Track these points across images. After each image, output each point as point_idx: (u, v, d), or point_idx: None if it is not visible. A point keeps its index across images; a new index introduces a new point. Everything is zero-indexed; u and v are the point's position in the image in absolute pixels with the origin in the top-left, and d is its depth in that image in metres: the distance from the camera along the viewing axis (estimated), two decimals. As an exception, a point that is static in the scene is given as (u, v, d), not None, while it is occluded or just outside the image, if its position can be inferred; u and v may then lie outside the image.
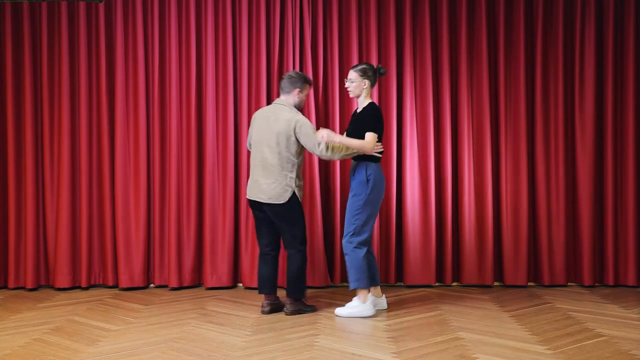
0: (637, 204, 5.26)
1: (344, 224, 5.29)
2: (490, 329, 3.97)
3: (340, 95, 5.35)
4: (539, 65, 5.29)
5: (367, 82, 4.32)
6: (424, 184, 5.28)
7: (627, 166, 5.27)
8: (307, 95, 4.53)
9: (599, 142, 5.34)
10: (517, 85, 5.29)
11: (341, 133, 5.32)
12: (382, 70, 4.38)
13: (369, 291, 4.35)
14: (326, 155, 4.24)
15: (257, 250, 5.18)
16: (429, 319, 4.25)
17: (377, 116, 4.27)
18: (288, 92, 4.42)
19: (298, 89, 4.41)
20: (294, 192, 4.29)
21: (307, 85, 4.47)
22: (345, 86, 4.43)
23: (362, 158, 4.29)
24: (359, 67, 4.35)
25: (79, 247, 5.31)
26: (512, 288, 5.24)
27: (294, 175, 4.30)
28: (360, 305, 4.29)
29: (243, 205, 5.27)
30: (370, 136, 4.20)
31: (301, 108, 4.51)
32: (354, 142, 4.21)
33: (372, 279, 4.37)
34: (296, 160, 4.32)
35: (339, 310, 4.34)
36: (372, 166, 4.28)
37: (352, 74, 4.35)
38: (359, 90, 4.35)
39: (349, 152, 4.27)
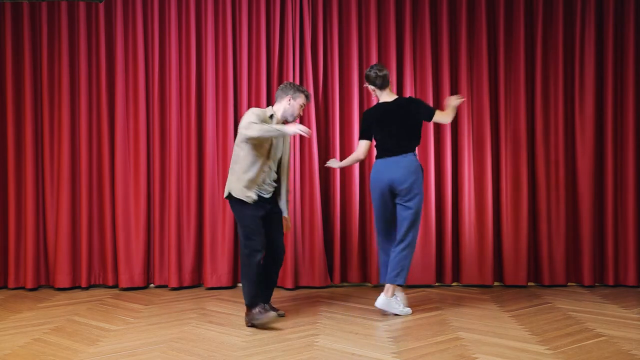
0: (637, 204, 5.26)
1: (342, 224, 5.33)
2: (490, 329, 3.97)
3: (340, 95, 5.35)
4: (539, 65, 5.29)
5: (371, 87, 4.44)
6: (423, 183, 5.27)
7: (627, 166, 5.27)
8: (302, 108, 4.24)
9: (599, 142, 5.34)
10: (517, 85, 5.29)
11: (341, 135, 5.33)
12: (380, 74, 4.37)
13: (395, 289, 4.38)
14: (248, 132, 3.95)
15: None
16: (429, 319, 4.24)
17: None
18: (280, 101, 4.24)
19: (289, 96, 4.21)
20: (230, 192, 4.10)
21: (301, 94, 4.22)
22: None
23: None
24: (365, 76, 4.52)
25: (79, 247, 5.31)
26: (512, 288, 5.24)
27: (234, 176, 4.10)
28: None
29: (243, 205, 5.26)
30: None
31: (293, 117, 4.24)
32: (346, 161, 4.58)
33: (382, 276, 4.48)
34: (241, 162, 4.09)
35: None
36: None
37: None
38: (374, 95, 4.50)
39: (266, 127, 3.92)
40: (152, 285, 5.41)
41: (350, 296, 4.97)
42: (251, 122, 3.98)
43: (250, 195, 4.08)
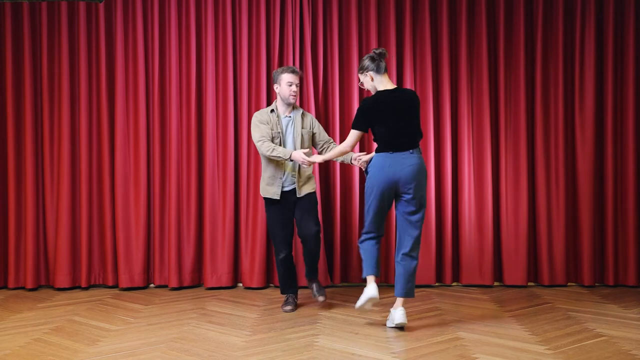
0: (637, 204, 5.26)
1: (343, 224, 5.33)
2: (490, 329, 3.97)
3: (340, 95, 5.35)
4: (539, 65, 5.29)
5: (369, 74, 4.01)
6: (424, 184, 5.27)
7: (627, 166, 5.27)
8: (292, 84, 4.40)
9: (599, 142, 5.33)
10: (517, 85, 5.29)
11: (341, 134, 5.33)
12: (377, 51, 4.04)
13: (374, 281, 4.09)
14: (260, 152, 4.39)
15: (257, 250, 5.21)
16: (429, 319, 4.24)
17: (358, 110, 4.05)
18: (276, 93, 4.53)
19: (275, 85, 4.50)
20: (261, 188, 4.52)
21: (283, 75, 4.42)
22: (365, 90, 4.39)
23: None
24: (358, 68, 4.10)
25: (79, 247, 5.31)
26: (512, 288, 5.24)
27: (264, 171, 4.49)
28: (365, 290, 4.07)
29: (243, 205, 5.27)
30: (350, 134, 4.07)
31: (288, 98, 4.43)
32: (333, 151, 4.21)
33: (370, 267, 4.06)
34: (262, 162, 4.50)
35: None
36: (374, 158, 4.05)
37: (359, 77, 4.10)
38: (370, 85, 4.04)
39: (274, 154, 4.29)
40: (152, 285, 5.41)
41: (350, 296, 4.97)
42: (258, 139, 4.37)
43: (275, 191, 4.41)
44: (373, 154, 4.11)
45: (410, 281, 3.98)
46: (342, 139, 5.33)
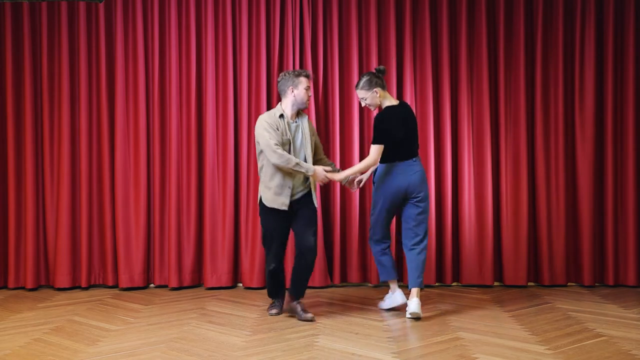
0: (637, 204, 5.26)
1: (342, 224, 5.34)
2: (490, 329, 3.97)
3: (340, 95, 5.35)
4: (539, 65, 5.29)
5: (378, 90, 4.26)
6: (424, 184, 5.27)
7: (627, 166, 5.27)
8: (308, 88, 4.25)
9: (599, 142, 5.33)
10: (517, 85, 5.29)
11: (341, 135, 5.33)
12: (381, 68, 4.32)
13: (394, 282, 4.47)
14: (276, 162, 4.09)
15: (257, 250, 5.20)
16: (429, 319, 4.24)
17: (375, 126, 4.26)
18: (285, 95, 4.28)
19: (290, 87, 4.23)
20: (260, 196, 4.28)
21: (300, 79, 4.23)
22: (363, 106, 4.54)
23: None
24: (361, 84, 4.29)
25: (79, 247, 5.31)
26: (512, 288, 5.24)
27: (261, 178, 4.30)
28: (389, 296, 4.49)
29: (243, 205, 5.27)
30: (372, 149, 4.25)
31: (304, 103, 4.25)
32: (358, 166, 4.34)
33: (387, 273, 4.44)
34: (260, 164, 4.27)
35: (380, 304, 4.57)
36: (380, 168, 4.36)
37: (360, 93, 4.31)
38: (376, 101, 4.30)
39: (296, 168, 4.09)
40: (152, 285, 5.41)
41: (350, 296, 4.97)
42: (273, 147, 4.07)
43: (284, 201, 4.19)
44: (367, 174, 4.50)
45: (418, 270, 4.27)
46: (342, 140, 5.34)
